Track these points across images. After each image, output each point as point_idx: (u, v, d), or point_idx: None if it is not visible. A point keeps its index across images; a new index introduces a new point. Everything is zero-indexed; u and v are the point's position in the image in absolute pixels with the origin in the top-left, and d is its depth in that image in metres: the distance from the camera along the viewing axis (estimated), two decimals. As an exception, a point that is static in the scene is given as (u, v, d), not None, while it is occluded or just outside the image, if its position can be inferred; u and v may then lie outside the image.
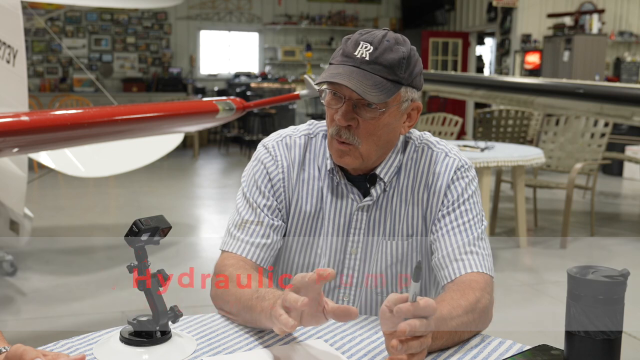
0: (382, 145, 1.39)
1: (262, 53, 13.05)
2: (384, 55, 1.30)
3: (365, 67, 1.30)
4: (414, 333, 1.05)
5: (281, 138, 1.51)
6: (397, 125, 1.39)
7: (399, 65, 1.31)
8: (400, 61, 1.31)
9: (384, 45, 1.30)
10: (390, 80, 1.31)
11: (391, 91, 1.31)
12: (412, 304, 1.05)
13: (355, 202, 1.45)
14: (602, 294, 1.03)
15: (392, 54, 1.30)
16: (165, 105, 3.42)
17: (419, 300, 1.05)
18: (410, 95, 1.36)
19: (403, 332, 1.03)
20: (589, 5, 10.59)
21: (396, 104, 1.34)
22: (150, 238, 1.19)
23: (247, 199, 1.48)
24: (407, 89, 1.34)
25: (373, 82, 1.29)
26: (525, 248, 5.09)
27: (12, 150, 2.97)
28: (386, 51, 1.30)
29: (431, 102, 11.49)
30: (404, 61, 1.31)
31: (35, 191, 7.04)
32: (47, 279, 4.27)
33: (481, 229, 1.42)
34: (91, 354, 1.16)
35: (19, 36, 3.37)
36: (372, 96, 1.29)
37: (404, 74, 1.32)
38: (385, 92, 1.30)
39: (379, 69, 1.30)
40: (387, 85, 1.31)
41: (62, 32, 11.71)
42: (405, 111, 1.38)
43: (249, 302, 1.26)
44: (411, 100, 1.37)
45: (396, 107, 1.35)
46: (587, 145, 5.54)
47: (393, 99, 1.33)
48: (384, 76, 1.30)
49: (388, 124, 1.36)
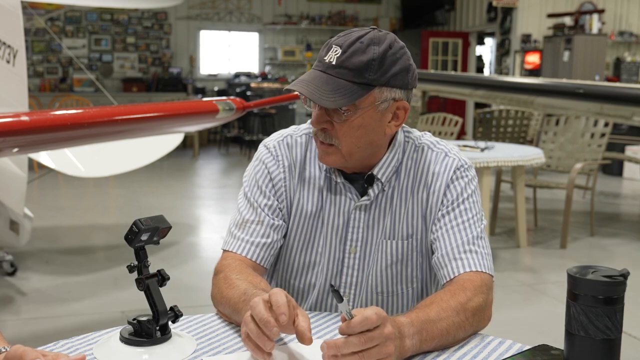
0: (365, 146, 1.38)
1: (262, 53, 13.05)
2: (350, 58, 1.30)
3: (330, 72, 1.31)
4: (338, 351, 1.04)
5: (282, 138, 1.52)
6: (378, 125, 1.37)
7: (367, 68, 1.30)
8: (368, 63, 1.30)
9: (354, 48, 1.30)
10: (357, 83, 1.30)
11: (357, 94, 1.30)
12: (347, 322, 1.05)
13: (352, 201, 1.45)
14: (602, 294, 1.03)
15: (360, 56, 1.30)
16: (165, 105, 3.42)
17: (355, 317, 1.05)
18: (388, 95, 1.34)
19: (322, 348, 1.04)
20: (589, 5, 10.59)
21: (369, 105, 1.33)
22: (150, 238, 1.19)
23: (248, 198, 1.49)
24: (382, 89, 1.33)
25: (334, 86, 1.30)
26: (525, 248, 5.10)
27: (12, 150, 2.97)
28: (354, 54, 1.30)
29: (431, 102, 11.49)
30: (374, 62, 1.30)
31: (35, 191, 7.04)
32: (47, 279, 4.27)
33: (480, 228, 1.42)
34: (91, 354, 1.16)
35: (19, 36, 3.37)
36: (330, 102, 1.29)
37: (375, 75, 1.31)
38: (349, 96, 1.30)
39: (344, 73, 1.30)
40: (352, 89, 1.30)
41: (62, 32, 11.72)
42: (385, 111, 1.36)
43: (237, 305, 1.27)
44: (393, 100, 1.35)
45: (370, 108, 1.34)
46: (587, 145, 5.54)
47: (363, 101, 1.32)
48: (349, 79, 1.30)
49: (364, 125, 1.35)
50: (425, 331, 1.17)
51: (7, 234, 3.95)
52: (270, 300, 1.10)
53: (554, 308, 3.81)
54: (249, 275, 1.36)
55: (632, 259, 4.93)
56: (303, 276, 1.51)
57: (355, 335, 1.05)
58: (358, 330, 1.05)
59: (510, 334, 1.35)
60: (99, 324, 3.44)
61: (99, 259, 4.88)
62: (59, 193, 7.33)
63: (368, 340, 1.05)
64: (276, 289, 1.12)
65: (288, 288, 1.54)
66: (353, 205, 1.45)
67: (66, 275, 4.38)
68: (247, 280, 1.33)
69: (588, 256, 4.96)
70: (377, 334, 1.07)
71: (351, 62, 1.30)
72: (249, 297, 1.24)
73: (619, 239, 5.55)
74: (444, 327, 1.21)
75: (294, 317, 1.11)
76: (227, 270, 1.38)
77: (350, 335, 1.05)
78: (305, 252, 1.50)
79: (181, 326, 1.31)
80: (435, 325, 1.19)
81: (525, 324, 3.61)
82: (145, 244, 1.19)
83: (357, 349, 1.05)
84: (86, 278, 4.33)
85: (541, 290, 4.22)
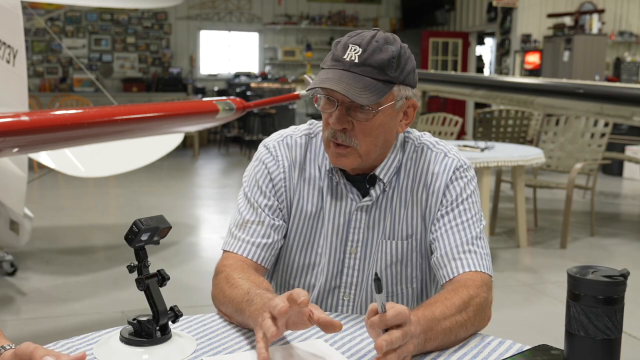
0: (381, 145, 1.40)
1: (262, 53, 13.05)
2: (373, 56, 1.30)
3: (354, 70, 1.31)
4: (392, 346, 1.05)
5: (282, 138, 1.52)
6: (393, 124, 1.39)
7: (389, 65, 1.31)
8: (390, 60, 1.31)
9: (373, 46, 1.31)
10: (381, 80, 1.31)
11: (383, 91, 1.31)
12: (380, 315, 1.05)
13: (354, 202, 1.45)
14: (602, 294, 1.03)
15: (381, 54, 1.31)
16: (165, 105, 3.42)
17: (388, 310, 1.06)
18: (404, 93, 1.36)
19: (380, 348, 1.04)
20: (589, 5, 10.59)
21: (390, 103, 1.34)
22: (150, 238, 1.19)
23: (248, 198, 1.49)
24: (400, 87, 1.35)
25: (363, 84, 1.30)
26: (525, 248, 5.10)
27: (12, 150, 2.97)
28: (375, 52, 1.31)
29: (431, 102, 11.49)
30: (394, 60, 1.31)
31: (35, 191, 7.04)
32: (47, 279, 4.27)
33: (480, 228, 1.42)
34: (91, 354, 1.16)
35: (19, 36, 3.37)
36: (363, 99, 1.29)
37: (395, 72, 1.32)
38: (377, 93, 1.31)
39: (368, 71, 1.31)
40: (378, 86, 1.31)
41: (62, 32, 11.71)
42: (400, 109, 1.38)
43: (240, 305, 1.27)
44: (406, 98, 1.38)
45: (390, 106, 1.35)
46: (587, 145, 5.54)
47: (386, 99, 1.33)
48: (374, 77, 1.31)
49: (383, 123, 1.37)
50: (430, 330, 1.17)
51: (7, 234, 3.95)
52: (291, 293, 1.10)
53: (554, 308, 3.81)
54: (251, 275, 1.36)
55: (632, 259, 4.93)
56: (303, 277, 1.51)
57: (396, 329, 1.05)
58: (391, 324, 1.06)
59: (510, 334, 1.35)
60: (99, 324, 3.44)
61: (99, 259, 4.88)
62: (59, 193, 7.33)
63: (405, 336, 1.06)
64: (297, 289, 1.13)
65: (288, 288, 1.54)
66: (355, 206, 1.45)
67: (66, 275, 4.38)
68: (249, 279, 1.33)
69: (588, 256, 4.96)
70: (409, 329, 1.08)
71: (374, 60, 1.30)
72: (252, 296, 1.24)
73: (619, 239, 5.55)
74: (448, 327, 1.21)
75: (308, 314, 1.11)
76: (229, 270, 1.38)
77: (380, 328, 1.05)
78: (305, 253, 1.50)
79: (181, 326, 1.31)
80: (439, 324, 1.19)
81: (525, 324, 3.61)
82: (145, 244, 1.19)
83: (399, 344, 1.06)
84: (86, 278, 4.33)
85: (541, 290, 4.21)
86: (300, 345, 1.20)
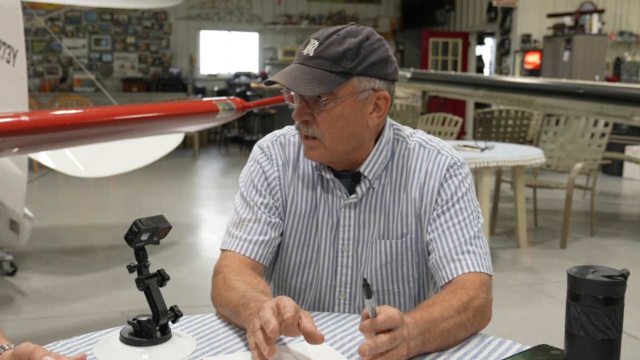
0: (348, 138, 1.38)
1: (262, 53, 13.05)
2: (327, 49, 1.32)
3: (307, 63, 1.33)
4: (377, 350, 1.05)
5: (275, 138, 1.53)
6: (359, 116, 1.37)
7: (343, 57, 1.31)
8: (345, 52, 1.31)
9: (331, 40, 1.32)
10: (334, 72, 1.32)
11: (335, 82, 1.31)
12: (370, 320, 1.05)
13: (342, 199, 1.45)
14: (602, 294, 1.03)
15: (337, 47, 1.32)
16: (165, 105, 3.42)
17: (379, 315, 1.06)
18: (367, 84, 1.34)
19: (362, 352, 1.04)
20: (589, 5, 10.59)
21: (348, 94, 1.34)
22: (150, 238, 1.19)
23: (244, 198, 1.49)
24: (360, 78, 1.33)
25: (312, 76, 1.31)
26: (525, 248, 5.10)
27: (12, 150, 2.97)
28: (331, 45, 1.32)
29: (431, 102, 11.49)
30: (350, 52, 1.31)
31: (35, 191, 7.04)
32: (47, 279, 4.27)
33: (477, 227, 1.41)
34: (91, 354, 1.16)
35: (19, 36, 3.37)
36: (308, 89, 1.30)
37: (351, 63, 1.32)
38: (326, 85, 1.31)
39: (321, 63, 1.32)
40: (329, 77, 1.31)
41: (62, 32, 11.71)
42: (365, 101, 1.36)
43: (236, 308, 1.27)
44: (373, 90, 1.36)
45: (350, 98, 1.34)
46: (587, 145, 5.54)
47: (342, 90, 1.33)
48: (326, 69, 1.32)
49: (345, 115, 1.35)
50: (428, 332, 1.17)
51: (7, 234, 3.95)
52: (277, 303, 1.10)
53: (554, 308, 3.81)
54: (247, 276, 1.36)
55: (632, 259, 4.93)
56: (300, 275, 1.52)
57: (384, 334, 1.05)
58: (381, 329, 1.05)
59: (510, 334, 1.36)
60: (99, 324, 3.44)
61: (99, 259, 4.88)
62: (59, 193, 7.33)
63: (393, 340, 1.06)
64: (283, 296, 1.13)
65: (286, 287, 1.55)
66: (342, 203, 1.45)
67: (66, 275, 4.38)
68: (245, 281, 1.33)
69: (588, 256, 4.96)
70: (399, 334, 1.07)
71: (328, 52, 1.32)
72: (247, 300, 1.24)
73: (619, 239, 5.55)
74: (446, 328, 1.21)
75: (298, 320, 1.10)
76: (226, 271, 1.38)
77: (370, 332, 1.05)
78: (301, 251, 1.50)
79: (181, 326, 1.31)
80: (438, 325, 1.19)
81: (525, 324, 3.61)
82: (145, 244, 1.19)
83: (385, 348, 1.05)
84: (86, 278, 4.33)
85: (541, 290, 4.21)
86: (300, 345, 1.19)
